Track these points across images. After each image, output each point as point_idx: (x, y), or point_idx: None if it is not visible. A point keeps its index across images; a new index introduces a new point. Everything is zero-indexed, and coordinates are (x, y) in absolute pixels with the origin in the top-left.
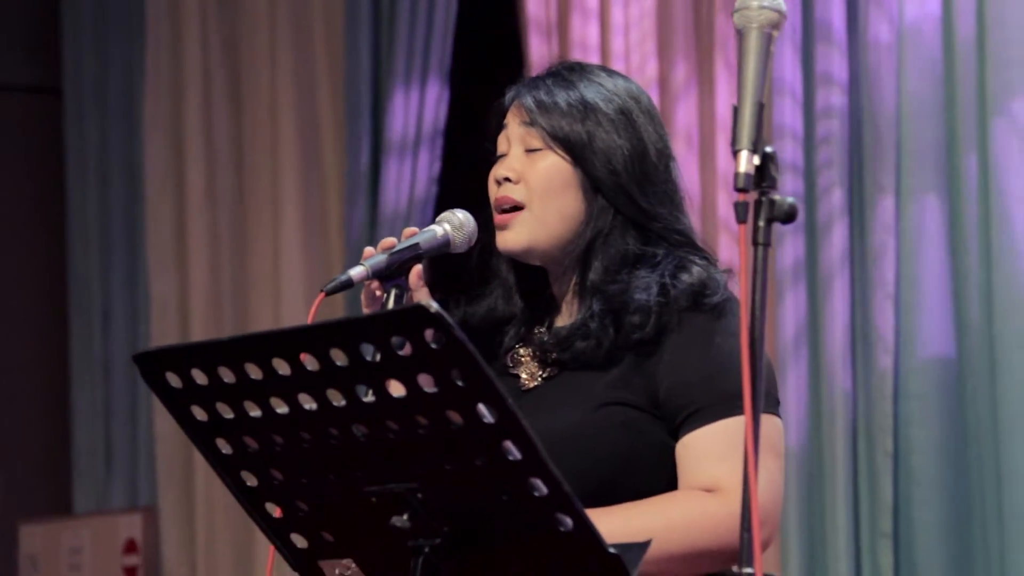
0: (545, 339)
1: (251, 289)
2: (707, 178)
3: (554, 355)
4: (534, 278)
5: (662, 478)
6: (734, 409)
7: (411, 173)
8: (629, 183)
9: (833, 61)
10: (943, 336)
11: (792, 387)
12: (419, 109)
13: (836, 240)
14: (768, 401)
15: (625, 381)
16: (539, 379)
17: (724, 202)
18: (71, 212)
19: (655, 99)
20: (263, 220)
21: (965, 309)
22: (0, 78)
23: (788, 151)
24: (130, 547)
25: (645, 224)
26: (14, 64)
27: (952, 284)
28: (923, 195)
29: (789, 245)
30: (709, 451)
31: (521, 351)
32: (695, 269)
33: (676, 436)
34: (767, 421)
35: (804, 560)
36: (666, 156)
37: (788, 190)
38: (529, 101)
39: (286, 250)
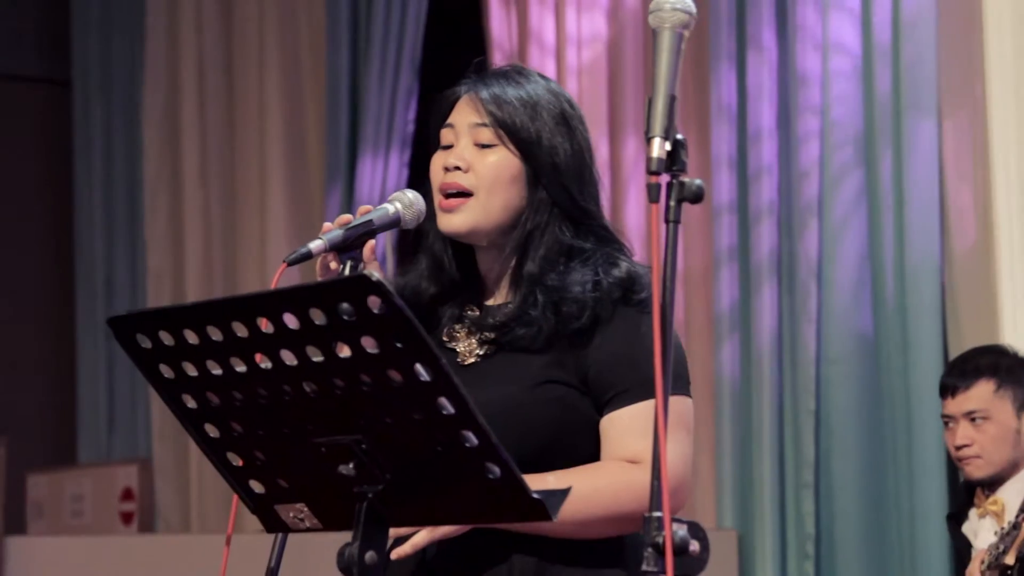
0: (481, 319)
1: (239, 263)
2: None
3: (492, 335)
4: (463, 259)
5: (590, 448)
6: (652, 392)
7: (384, 161)
8: (568, 181)
9: (763, 67)
10: (861, 308)
11: (727, 354)
12: (391, 103)
13: (766, 225)
14: (679, 383)
15: (559, 362)
16: (476, 356)
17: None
18: (77, 192)
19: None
20: (251, 202)
21: (881, 284)
22: (15, 70)
23: (724, 146)
24: (127, 495)
25: (579, 219)
26: (28, 58)
27: (870, 263)
28: (844, 184)
29: (725, 229)
30: (632, 428)
31: (457, 327)
32: (623, 264)
33: (602, 412)
34: (680, 401)
35: (737, 508)
36: (592, 159)
37: (724, 180)
38: (486, 96)
39: (271, 229)
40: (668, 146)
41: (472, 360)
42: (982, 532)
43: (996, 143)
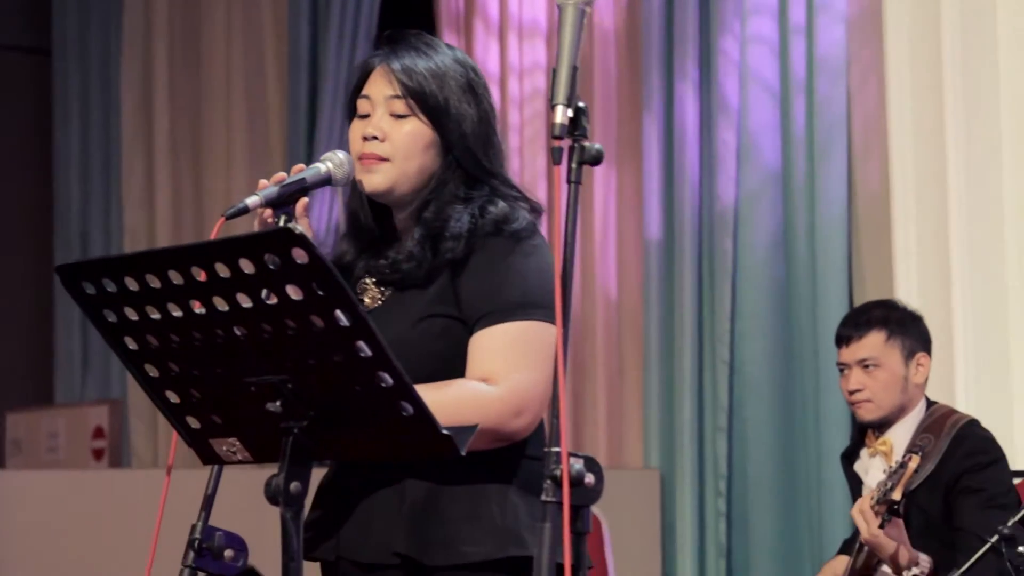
0: (387, 267)
1: (207, 222)
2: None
3: (389, 278)
4: (379, 217)
5: None
6: (514, 315)
7: (340, 127)
8: (475, 145)
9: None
10: (774, 264)
11: (653, 309)
12: (349, 73)
13: (688, 193)
14: (537, 310)
15: (441, 296)
16: (378, 301)
17: None
18: (57, 154)
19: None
20: (218, 163)
21: (792, 241)
22: None
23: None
24: (98, 433)
25: (484, 179)
26: (10, 27)
27: (782, 220)
28: (759, 153)
29: (655, 202)
30: (489, 348)
31: (367, 279)
32: (501, 204)
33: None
34: (535, 327)
35: (661, 450)
36: (496, 123)
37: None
38: (398, 68)
39: (235, 190)
40: (570, 113)
41: (375, 306)
42: (872, 470)
43: (893, 112)
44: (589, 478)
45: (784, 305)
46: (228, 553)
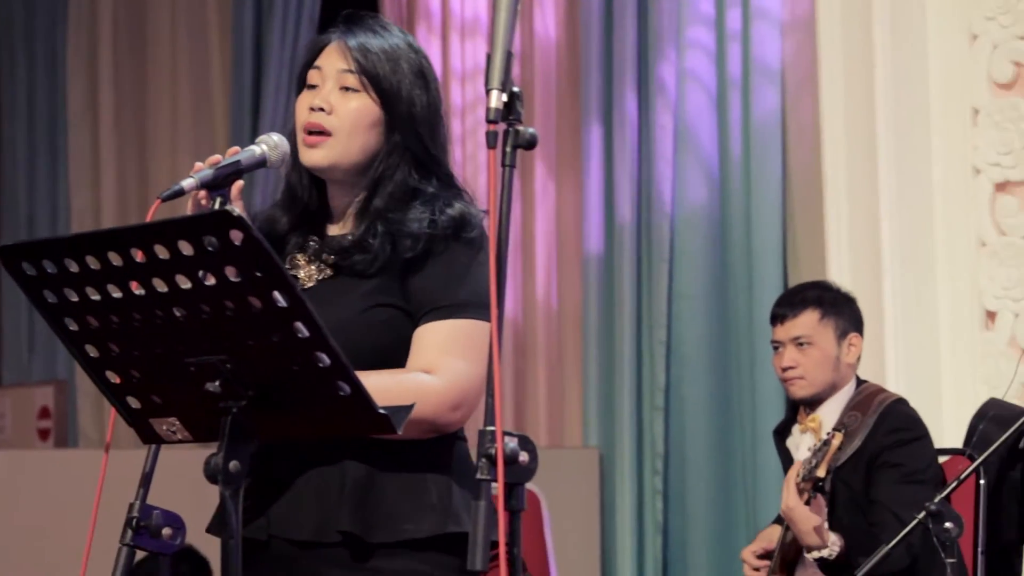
0: (322, 247)
1: (151, 202)
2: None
3: (332, 260)
4: (313, 191)
5: None
6: (462, 313)
7: (284, 109)
8: (422, 130)
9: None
10: (711, 249)
11: (593, 291)
12: (292, 55)
13: (627, 180)
14: (476, 310)
15: (388, 287)
16: (315, 280)
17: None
18: (3, 137)
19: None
20: (163, 147)
21: (728, 225)
22: None
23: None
24: (43, 413)
25: (428, 165)
26: None
27: (719, 205)
28: (696, 143)
29: (593, 169)
30: (432, 341)
31: (299, 255)
32: (458, 206)
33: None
34: (473, 325)
35: (600, 429)
36: (442, 113)
37: (593, 130)
38: (353, 44)
39: (182, 173)
40: (505, 97)
41: (311, 284)
42: (803, 447)
43: (825, 101)
44: (523, 456)
45: (720, 287)
46: (166, 531)
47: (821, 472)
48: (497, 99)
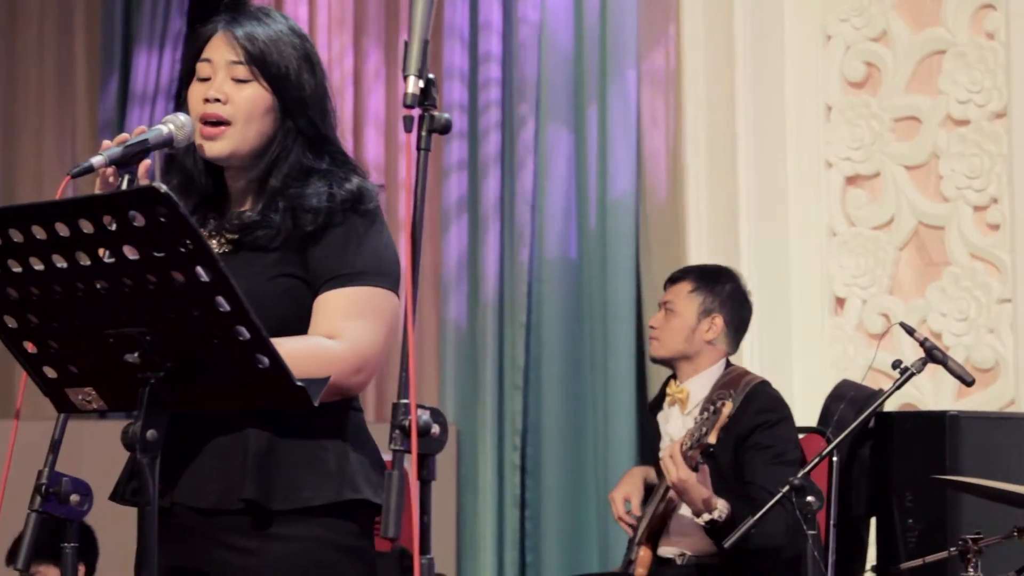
0: (222, 223)
1: (16, 196)
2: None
3: (234, 236)
4: (213, 178)
5: None
6: (361, 280)
7: (159, 58)
8: (313, 112)
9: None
10: (567, 235)
11: (454, 269)
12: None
13: (492, 168)
14: (381, 278)
15: (289, 259)
16: (218, 255)
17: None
18: None
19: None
20: (28, 145)
21: (584, 217)
22: None
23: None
24: None
25: (320, 144)
26: None
27: (575, 199)
28: (556, 127)
29: (455, 147)
30: (334, 308)
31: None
32: (355, 180)
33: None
34: (377, 293)
35: (458, 406)
36: (330, 92)
37: (456, 116)
38: (240, 34)
39: (47, 163)
40: (421, 83)
41: None
42: (672, 418)
43: (687, 94)
44: (435, 429)
45: (577, 273)
46: (74, 498)
47: (712, 439)
48: (414, 85)
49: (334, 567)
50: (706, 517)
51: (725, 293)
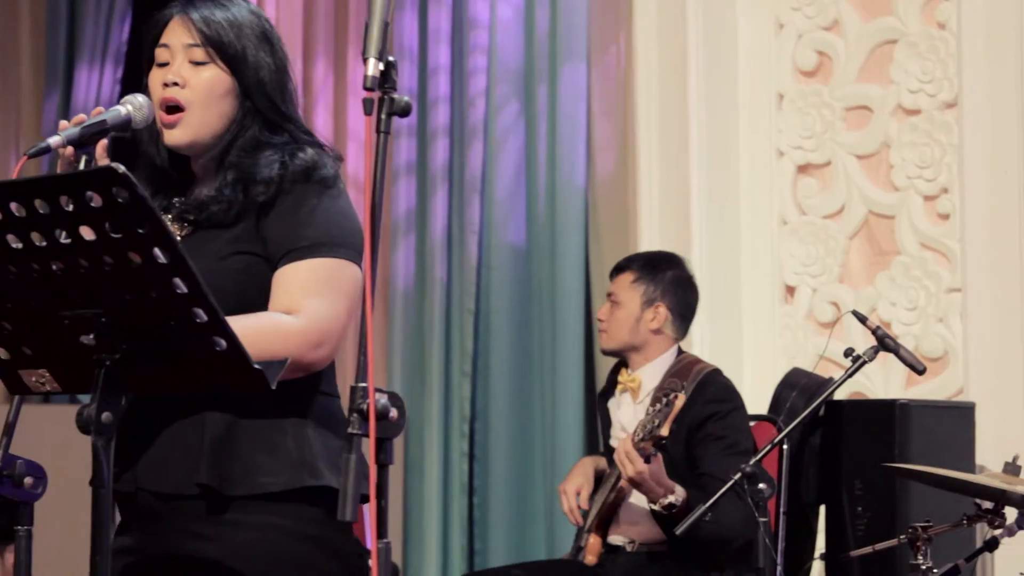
0: (185, 205)
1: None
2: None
3: (192, 217)
4: (176, 159)
5: None
6: (318, 252)
7: (99, 73)
8: (273, 92)
9: (442, 11)
10: (516, 222)
11: (402, 256)
12: (107, 21)
13: (440, 145)
14: (343, 250)
15: (246, 235)
16: (179, 237)
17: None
18: None
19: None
20: None
21: (534, 202)
22: None
23: (405, 80)
24: None
25: (281, 124)
26: None
27: (525, 184)
28: (504, 113)
29: (404, 146)
30: (293, 281)
31: (165, 217)
32: (309, 151)
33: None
34: (339, 264)
35: (407, 391)
36: (290, 71)
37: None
38: (196, 18)
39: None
40: (381, 66)
41: None
42: (623, 406)
43: (639, 81)
44: (393, 412)
45: (525, 261)
46: (28, 480)
47: (664, 431)
48: (374, 67)
49: (296, 556)
50: (663, 501)
51: (667, 281)
